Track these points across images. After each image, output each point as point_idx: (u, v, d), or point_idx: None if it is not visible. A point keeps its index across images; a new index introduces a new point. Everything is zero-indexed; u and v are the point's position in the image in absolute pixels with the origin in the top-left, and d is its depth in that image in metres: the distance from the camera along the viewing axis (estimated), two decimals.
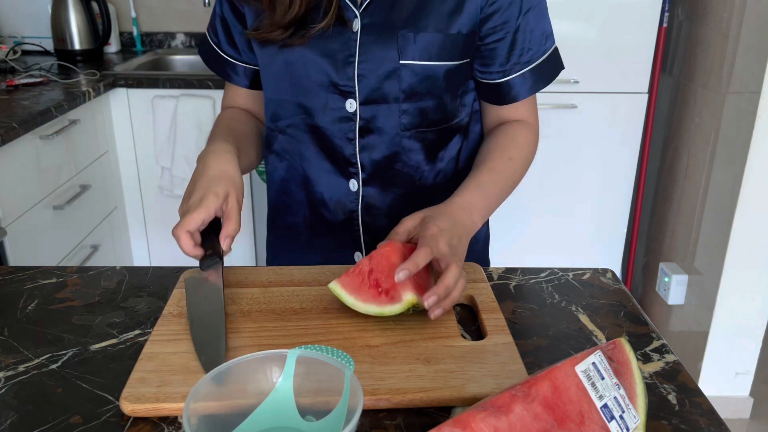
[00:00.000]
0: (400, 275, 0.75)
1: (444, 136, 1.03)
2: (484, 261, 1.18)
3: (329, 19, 0.91)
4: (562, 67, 1.02)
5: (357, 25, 0.93)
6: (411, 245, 0.85)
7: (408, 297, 0.78)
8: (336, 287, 0.81)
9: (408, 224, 0.85)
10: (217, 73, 1.08)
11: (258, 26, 0.96)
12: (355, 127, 0.99)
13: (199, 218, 0.82)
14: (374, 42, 0.93)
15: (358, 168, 1.02)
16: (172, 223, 0.86)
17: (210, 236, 0.86)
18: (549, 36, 0.99)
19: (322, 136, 1.01)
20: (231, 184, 0.87)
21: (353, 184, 1.03)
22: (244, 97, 1.11)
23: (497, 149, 0.99)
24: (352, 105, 0.97)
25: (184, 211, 0.84)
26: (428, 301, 0.75)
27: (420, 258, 0.77)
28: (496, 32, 0.95)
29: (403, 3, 0.92)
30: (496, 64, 0.98)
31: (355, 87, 0.96)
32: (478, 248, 1.14)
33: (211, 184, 0.86)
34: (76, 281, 0.92)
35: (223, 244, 0.84)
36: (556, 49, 1.01)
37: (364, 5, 0.93)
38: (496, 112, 1.03)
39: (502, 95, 1.00)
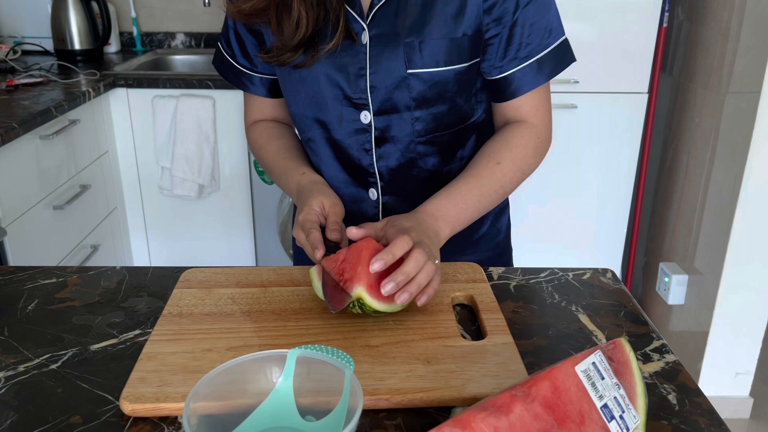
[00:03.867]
0: (375, 266, 0.75)
1: (460, 136, 1.02)
2: (507, 250, 1.17)
3: (337, 38, 0.91)
4: (572, 60, 0.99)
5: (365, 37, 0.93)
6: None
7: (355, 291, 0.76)
8: (313, 272, 0.82)
9: (369, 229, 0.85)
10: (233, 83, 1.08)
11: (269, 49, 0.96)
12: (371, 138, 0.99)
13: (302, 216, 0.89)
14: (382, 53, 0.93)
15: (376, 177, 1.02)
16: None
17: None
18: (553, 29, 0.96)
19: (339, 148, 1.01)
20: (324, 198, 0.93)
21: (373, 193, 1.04)
22: (268, 107, 1.10)
23: (486, 154, 0.97)
24: (366, 117, 0.97)
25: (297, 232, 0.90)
26: (385, 289, 0.75)
27: (396, 247, 0.77)
28: (493, 27, 0.94)
29: (407, 11, 0.92)
30: (492, 59, 0.96)
31: (368, 99, 0.96)
32: (500, 238, 1.14)
33: (304, 203, 0.94)
34: (76, 281, 0.92)
35: (330, 236, 0.87)
36: (563, 42, 0.97)
37: (371, 16, 0.92)
38: (500, 111, 1.02)
39: (502, 90, 0.98)
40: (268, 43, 0.98)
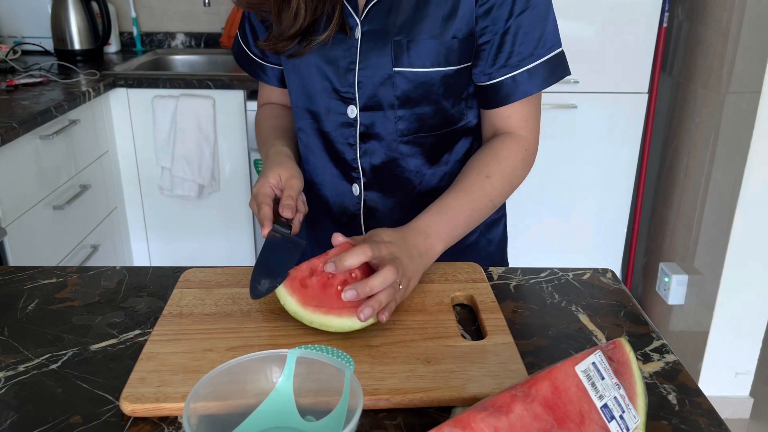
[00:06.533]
0: (328, 267, 0.75)
1: (447, 139, 1.02)
2: (499, 262, 1.17)
3: (330, 30, 0.93)
4: (566, 73, 0.97)
5: (358, 32, 0.94)
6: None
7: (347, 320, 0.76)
8: (280, 290, 0.78)
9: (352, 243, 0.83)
10: (247, 71, 1.12)
11: (267, 37, 0.99)
12: (356, 133, 0.99)
13: (256, 189, 0.89)
14: (372, 49, 0.94)
15: (359, 173, 1.02)
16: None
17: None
18: (548, 41, 0.94)
19: (327, 140, 1.02)
20: (282, 170, 0.92)
21: (356, 188, 1.04)
22: (278, 94, 1.14)
23: (475, 167, 0.95)
24: (353, 111, 0.98)
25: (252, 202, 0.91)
26: (345, 295, 0.74)
27: (352, 256, 0.75)
28: (485, 34, 0.93)
29: (399, 9, 0.92)
30: (482, 66, 0.95)
31: (355, 93, 0.96)
32: (492, 250, 1.14)
33: (262, 175, 0.93)
34: (76, 281, 0.92)
35: (282, 213, 0.86)
36: (558, 55, 0.96)
37: (365, 12, 0.93)
38: (489, 120, 1.00)
39: (490, 98, 0.97)
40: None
